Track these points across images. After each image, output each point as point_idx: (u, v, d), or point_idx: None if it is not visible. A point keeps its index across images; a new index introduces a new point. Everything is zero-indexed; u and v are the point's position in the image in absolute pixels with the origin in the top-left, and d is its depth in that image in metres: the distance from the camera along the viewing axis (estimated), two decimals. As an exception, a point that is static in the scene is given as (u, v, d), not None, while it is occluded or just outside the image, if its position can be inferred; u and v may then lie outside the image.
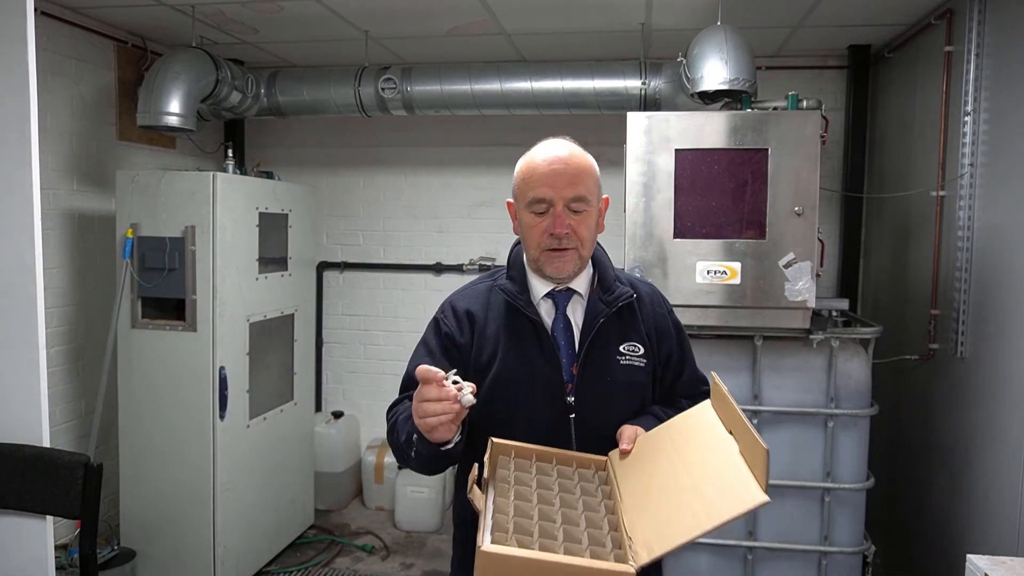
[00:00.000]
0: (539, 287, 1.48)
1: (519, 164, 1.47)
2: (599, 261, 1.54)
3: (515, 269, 1.52)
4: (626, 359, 1.46)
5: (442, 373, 1.19)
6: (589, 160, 1.46)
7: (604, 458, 1.39)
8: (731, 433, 1.23)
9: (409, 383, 1.47)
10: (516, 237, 1.54)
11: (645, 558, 1.12)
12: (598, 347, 1.45)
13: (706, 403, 1.35)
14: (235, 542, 3.35)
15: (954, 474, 2.82)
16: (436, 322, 1.53)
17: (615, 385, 1.45)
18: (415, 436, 1.26)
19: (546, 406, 1.43)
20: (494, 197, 4.48)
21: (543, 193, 1.40)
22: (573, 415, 1.43)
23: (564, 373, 1.43)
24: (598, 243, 1.56)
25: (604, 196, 1.50)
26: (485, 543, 1.07)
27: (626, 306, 1.48)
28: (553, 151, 1.43)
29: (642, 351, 1.48)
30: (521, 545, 1.10)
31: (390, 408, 1.48)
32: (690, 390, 1.55)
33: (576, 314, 1.48)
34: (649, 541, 1.15)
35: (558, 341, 1.45)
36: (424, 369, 1.19)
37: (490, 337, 1.46)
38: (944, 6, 3.01)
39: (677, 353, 1.55)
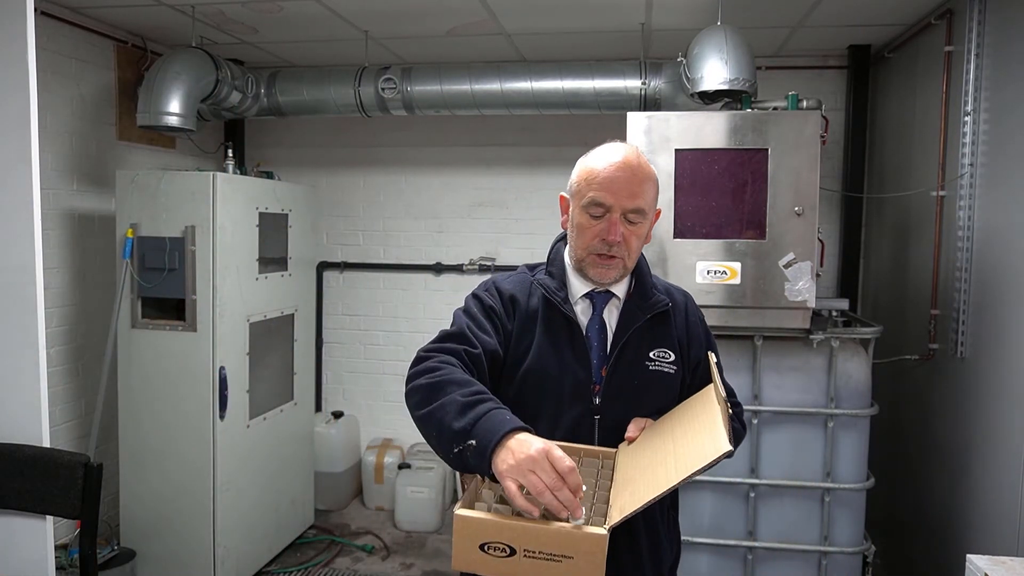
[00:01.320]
0: (578, 286, 1.49)
1: (582, 161, 1.47)
2: (638, 266, 1.54)
3: (555, 266, 1.52)
4: (655, 365, 1.47)
5: (582, 487, 1.11)
6: (652, 171, 1.45)
7: (613, 450, 1.41)
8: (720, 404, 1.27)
9: (461, 335, 1.40)
10: (560, 232, 1.54)
11: (616, 518, 1.14)
12: (630, 352, 1.46)
13: (709, 386, 1.37)
14: (235, 542, 3.35)
15: (954, 474, 2.82)
16: (479, 297, 1.50)
17: (642, 390, 1.46)
18: (474, 443, 1.14)
19: (572, 404, 1.44)
20: (494, 197, 4.49)
21: (603, 198, 1.39)
22: (598, 416, 1.44)
23: (593, 374, 1.45)
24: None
25: (658, 208, 1.50)
26: (457, 509, 1.10)
27: (660, 313, 1.50)
28: (621, 156, 1.42)
29: (673, 357, 1.49)
30: (499, 513, 1.13)
31: (427, 352, 1.35)
32: None
33: (611, 317, 1.49)
34: (623, 504, 1.17)
35: (591, 342, 1.46)
36: (575, 470, 1.09)
37: (528, 329, 1.47)
38: (944, 6, 3.01)
39: (706, 361, 1.55)
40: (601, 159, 1.43)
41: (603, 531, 1.09)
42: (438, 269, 4.55)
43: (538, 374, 1.43)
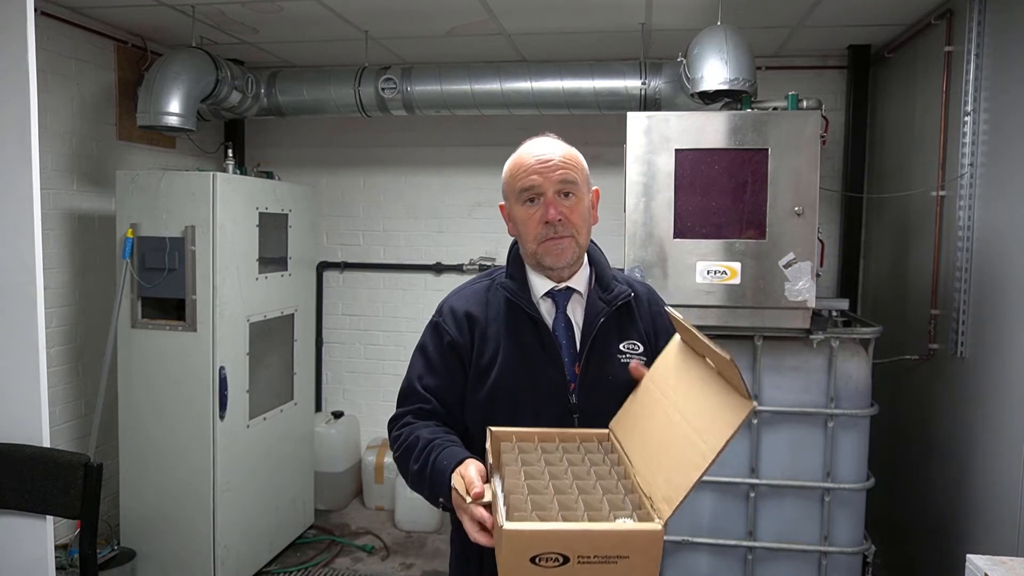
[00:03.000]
0: (539, 286, 1.48)
1: (507, 163, 1.48)
2: (596, 260, 1.54)
3: (514, 268, 1.52)
4: (626, 357, 1.46)
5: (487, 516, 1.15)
6: (574, 152, 1.47)
7: (605, 431, 1.39)
8: (705, 358, 1.24)
9: (410, 393, 1.48)
10: (514, 238, 1.54)
11: (667, 511, 1.11)
12: (599, 346, 1.45)
13: (675, 338, 1.35)
14: (235, 542, 3.35)
15: (954, 474, 2.82)
16: (435, 327, 1.51)
17: (616, 383, 1.44)
18: (443, 500, 1.30)
19: (549, 406, 1.43)
20: (494, 197, 4.46)
21: (532, 181, 1.41)
22: (576, 415, 1.43)
23: (567, 372, 1.44)
24: (595, 243, 1.57)
25: (594, 188, 1.51)
26: (505, 523, 1.04)
27: (624, 305, 1.49)
28: (538, 145, 1.46)
29: (641, 349, 1.48)
30: (542, 519, 1.09)
31: (394, 422, 1.48)
32: None
33: (576, 313, 1.48)
34: (667, 494, 1.14)
35: (559, 340, 1.45)
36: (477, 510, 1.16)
37: (491, 338, 1.46)
38: (944, 6, 3.01)
39: (665, 320, 1.52)
40: (521, 152, 1.46)
41: (658, 526, 1.07)
42: (438, 269, 4.55)
43: (510, 381, 1.43)
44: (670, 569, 2.92)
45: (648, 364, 1.47)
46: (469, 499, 1.15)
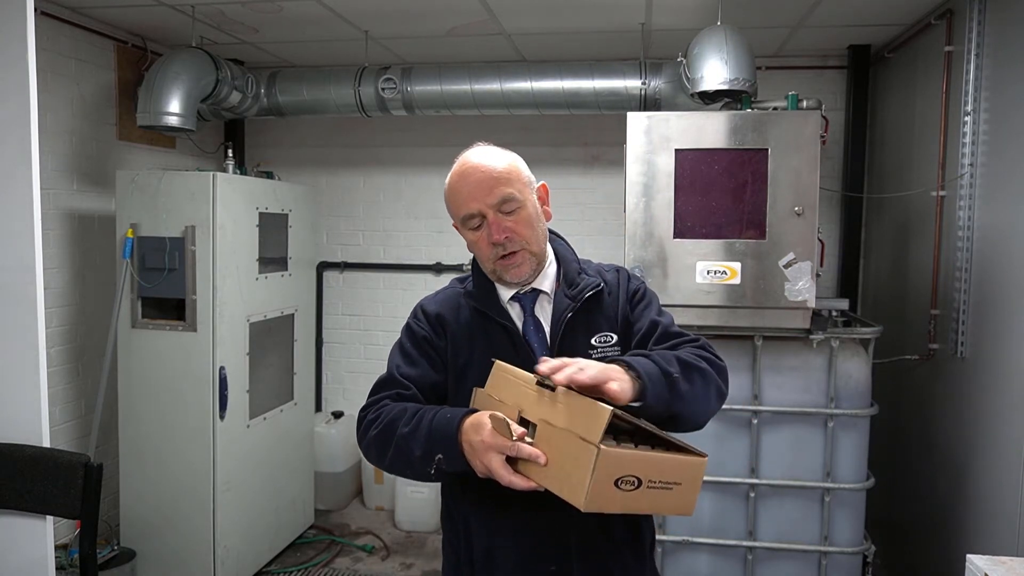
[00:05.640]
0: (505, 292, 1.48)
1: (445, 184, 1.47)
2: (562, 256, 1.52)
3: (480, 276, 1.51)
4: (598, 352, 1.43)
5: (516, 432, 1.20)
6: (507, 159, 1.44)
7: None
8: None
9: (389, 380, 1.46)
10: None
11: (691, 445, 1.20)
12: (568, 344, 1.42)
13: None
14: (235, 542, 3.35)
15: (954, 474, 2.82)
16: (409, 327, 1.52)
17: None
18: (441, 457, 1.27)
19: None
20: (494, 197, 4.47)
21: (471, 208, 1.41)
22: None
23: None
24: (560, 237, 1.56)
25: (540, 184, 1.49)
26: (602, 445, 1.09)
27: (592, 297, 1.46)
28: (468, 164, 1.43)
29: (615, 339, 1.45)
30: (629, 448, 1.16)
31: (369, 407, 1.43)
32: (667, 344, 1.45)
33: (544, 314, 1.47)
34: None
35: (531, 343, 1.44)
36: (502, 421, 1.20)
37: (463, 343, 1.46)
38: (944, 6, 3.01)
39: (645, 320, 1.48)
40: (454, 176, 1.44)
41: (705, 456, 1.19)
42: (438, 269, 4.55)
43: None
44: (670, 569, 2.92)
45: (623, 353, 1.42)
46: (514, 438, 1.18)
